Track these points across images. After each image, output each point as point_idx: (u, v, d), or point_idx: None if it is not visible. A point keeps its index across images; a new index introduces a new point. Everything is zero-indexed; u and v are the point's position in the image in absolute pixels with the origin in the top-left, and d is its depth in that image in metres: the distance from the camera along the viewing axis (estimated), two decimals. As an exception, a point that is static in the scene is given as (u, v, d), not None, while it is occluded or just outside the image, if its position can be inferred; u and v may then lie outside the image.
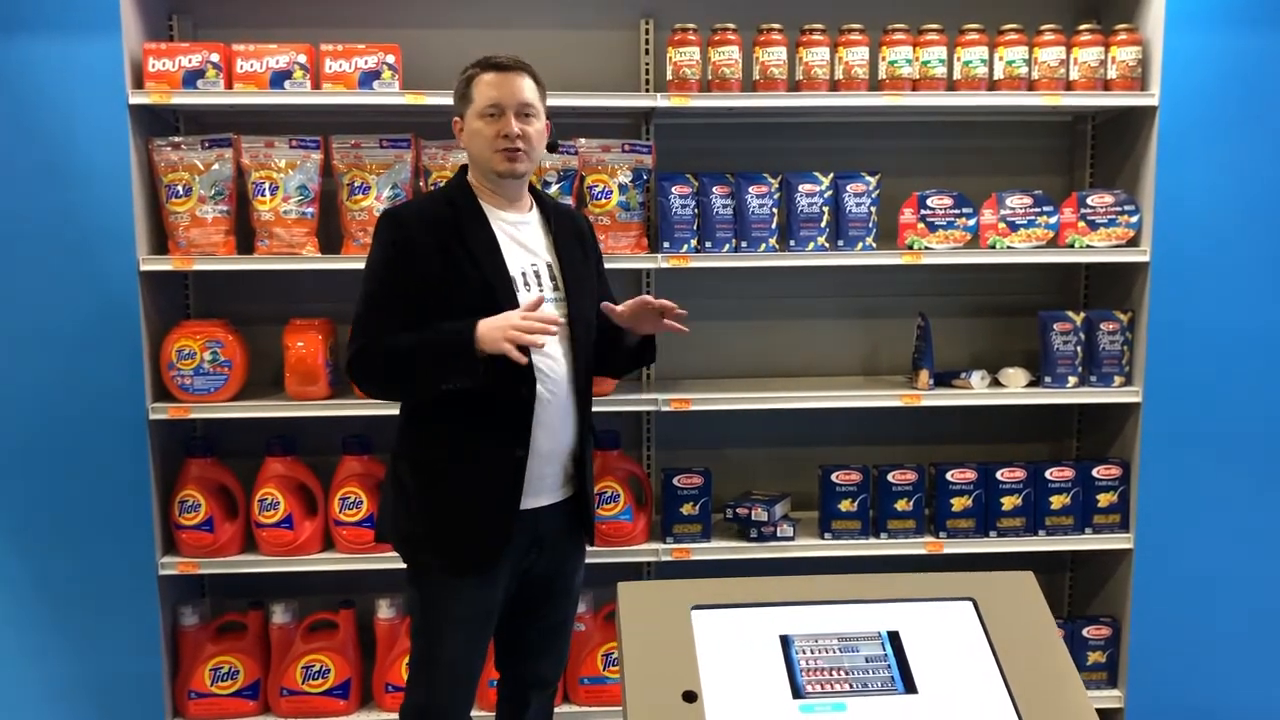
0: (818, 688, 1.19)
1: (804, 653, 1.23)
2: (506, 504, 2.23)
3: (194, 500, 3.03)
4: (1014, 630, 1.27)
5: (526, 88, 2.26)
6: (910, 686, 1.21)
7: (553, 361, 2.26)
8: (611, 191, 3.06)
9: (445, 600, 2.26)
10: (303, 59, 2.97)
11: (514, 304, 2.19)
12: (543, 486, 2.30)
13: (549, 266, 2.32)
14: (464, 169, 2.37)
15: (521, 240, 2.30)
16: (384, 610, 3.15)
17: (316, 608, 3.20)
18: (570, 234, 2.40)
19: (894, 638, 1.25)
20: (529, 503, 2.27)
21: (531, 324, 2.09)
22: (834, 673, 1.21)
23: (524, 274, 2.27)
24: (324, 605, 3.21)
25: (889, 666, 1.22)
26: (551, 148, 2.47)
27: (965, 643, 1.26)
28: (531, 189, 2.40)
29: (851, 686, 1.20)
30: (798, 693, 1.19)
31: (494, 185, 2.29)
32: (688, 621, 1.24)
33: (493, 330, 2.09)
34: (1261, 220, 3.12)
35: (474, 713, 2.44)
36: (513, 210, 2.32)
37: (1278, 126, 3.10)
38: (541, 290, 2.26)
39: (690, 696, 1.17)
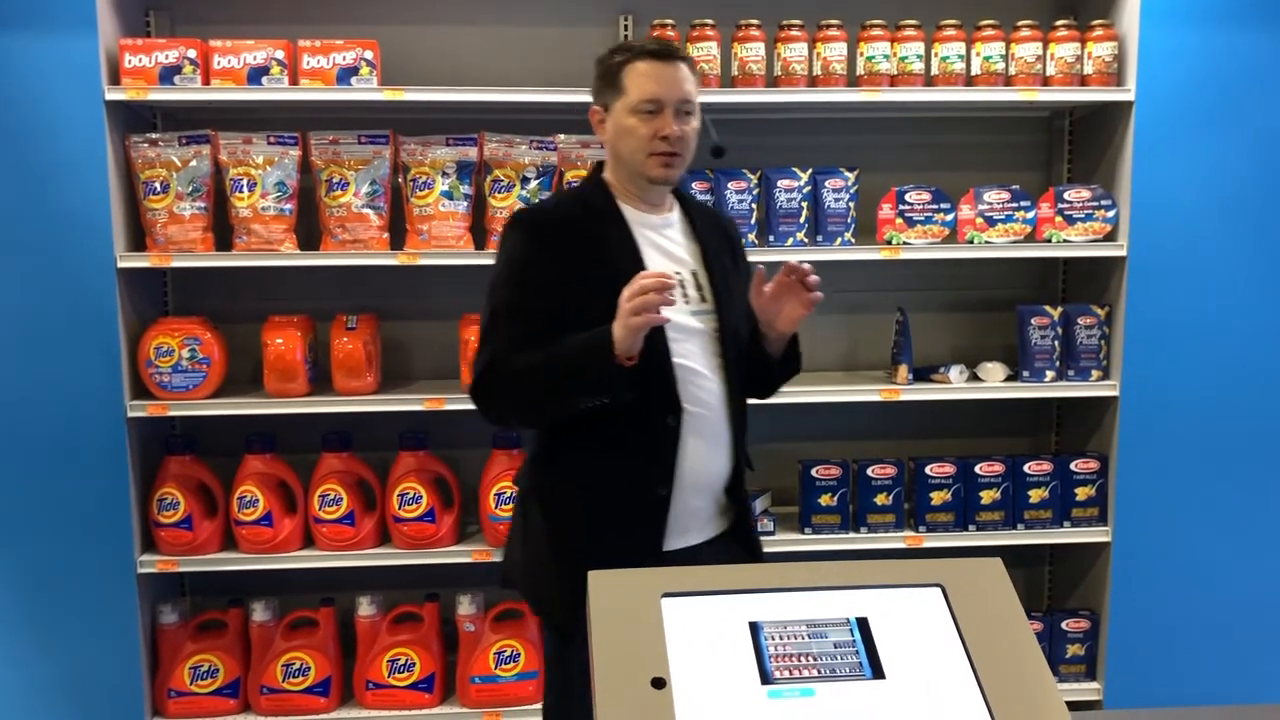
0: (786, 673, 1.19)
1: (773, 639, 1.23)
2: (649, 547, 1.97)
3: (173, 498, 3.02)
4: (982, 616, 1.27)
5: (686, 80, 2.00)
6: (878, 672, 1.21)
7: (704, 380, 2.01)
8: (591, 187, 3.06)
9: (582, 658, 2.06)
10: (280, 55, 2.96)
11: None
12: (692, 524, 2.04)
13: (695, 276, 2.05)
14: (599, 166, 2.13)
15: (665, 247, 2.05)
16: (364, 608, 3.14)
17: (296, 605, 3.19)
18: (719, 239, 2.14)
19: (863, 624, 1.25)
20: (678, 542, 2.02)
21: (643, 283, 1.81)
22: (802, 659, 1.21)
23: None
24: (304, 603, 3.20)
25: (857, 652, 1.22)
26: (717, 152, 2.13)
27: (933, 628, 1.26)
28: (673, 188, 2.15)
29: (819, 672, 1.20)
30: (766, 678, 1.19)
31: (639, 189, 2.05)
32: (658, 609, 1.24)
33: (618, 326, 1.83)
34: (1237, 215, 3.15)
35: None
36: (655, 214, 2.07)
37: (1252, 122, 3.13)
38: (688, 301, 2.01)
39: (659, 683, 1.17)
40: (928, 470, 3.16)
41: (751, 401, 2.18)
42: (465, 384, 3.02)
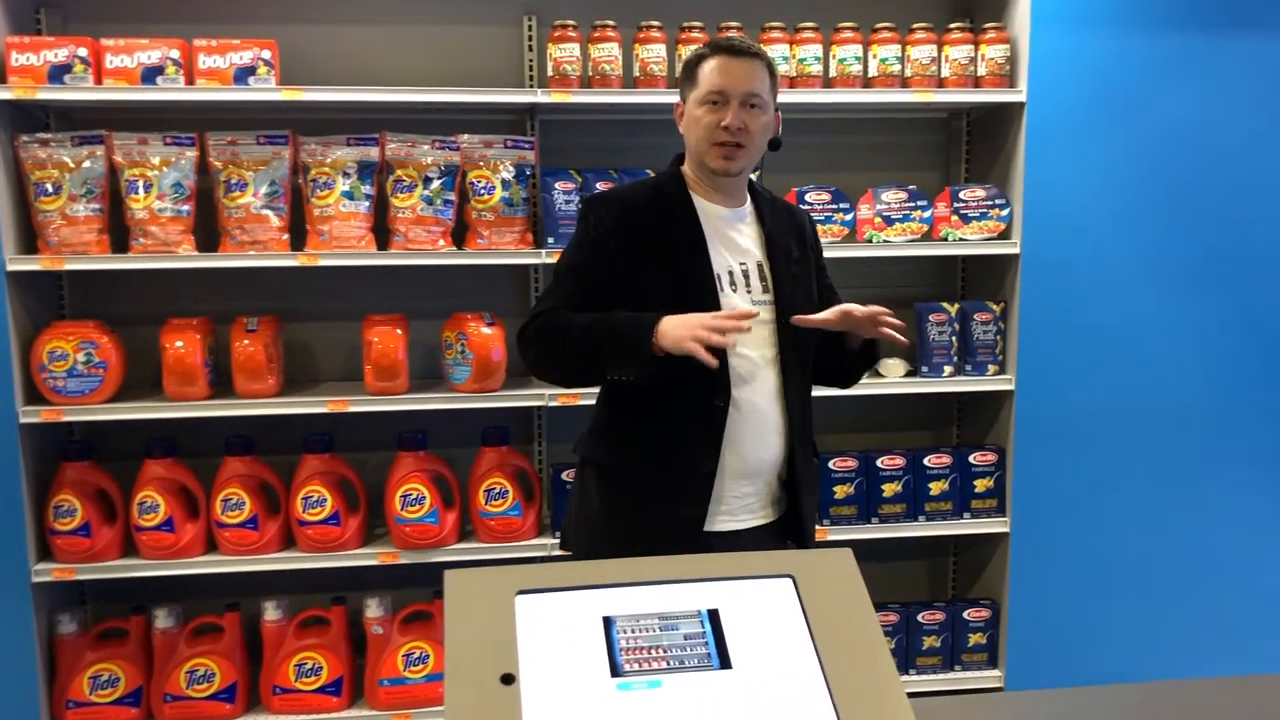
0: (636, 666, 1.21)
1: (625, 632, 1.25)
2: (692, 525, 2.05)
3: (69, 505, 2.97)
4: (829, 606, 1.31)
5: (757, 75, 2.05)
6: (725, 662, 1.23)
7: (754, 368, 2.08)
8: (494, 187, 3.07)
9: None
10: (176, 54, 2.92)
11: (714, 304, 2.04)
12: (740, 506, 2.10)
13: (759, 266, 2.12)
14: (679, 157, 2.20)
15: (731, 237, 2.12)
16: (270, 612, 3.12)
17: (201, 612, 3.15)
18: (787, 231, 2.19)
19: (713, 615, 1.28)
20: (726, 524, 2.09)
21: (722, 323, 1.89)
22: (653, 651, 1.23)
23: (730, 272, 2.08)
24: (208, 609, 3.17)
25: (706, 643, 1.25)
26: (774, 145, 2.17)
27: (782, 619, 1.29)
28: (749, 181, 2.21)
29: (669, 664, 1.22)
30: (616, 671, 1.21)
31: (707, 179, 2.11)
32: (511, 606, 1.26)
33: (678, 327, 1.90)
34: (1125, 212, 3.24)
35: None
36: (726, 205, 2.14)
37: (1140, 122, 3.22)
38: (750, 291, 2.09)
39: (508, 679, 1.18)
40: (831, 465, 3.21)
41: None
42: (370, 386, 3.04)
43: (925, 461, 3.25)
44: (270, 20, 3.16)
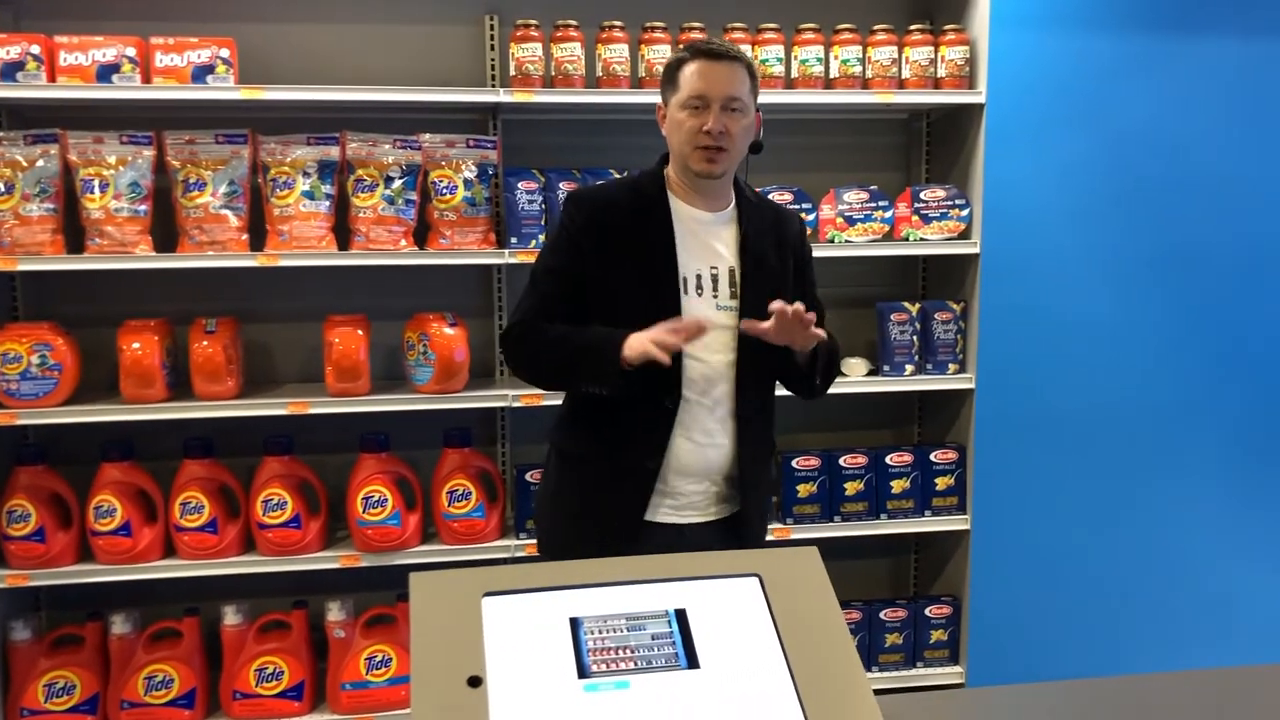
0: (603, 667, 1.21)
1: (592, 633, 1.25)
2: (630, 517, 2.12)
3: (23, 510, 2.92)
4: (796, 604, 1.32)
5: (737, 79, 2.07)
6: (693, 662, 1.24)
7: (709, 371, 2.11)
8: (456, 187, 3.05)
9: None
10: (131, 52, 2.88)
11: (675, 307, 2.06)
12: (686, 503, 2.16)
13: (731, 271, 2.13)
14: (664, 157, 2.20)
15: (706, 241, 2.13)
16: (230, 617, 3.08)
17: (159, 617, 3.10)
18: (767, 236, 2.18)
19: (680, 615, 1.28)
20: (670, 516, 2.15)
21: (675, 325, 1.96)
22: (620, 651, 1.23)
23: (698, 276, 2.10)
24: (167, 614, 3.12)
25: (674, 643, 1.25)
26: (755, 148, 2.17)
27: (749, 618, 1.30)
28: (737, 184, 2.21)
29: (636, 664, 1.23)
30: (583, 672, 1.21)
31: (689, 181, 2.13)
32: (478, 608, 1.25)
33: (637, 338, 1.95)
34: (1082, 213, 3.29)
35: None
36: (706, 208, 2.15)
37: (1097, 122, 3.27)
38: (715, 295, 2.11)
39: (475, 681, 1.18)
40: (793, 463, 3.23)
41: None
42: (331, 387, 3.02)
43: (887, 460, 3.28)
44: (229, 18, 3.12)
